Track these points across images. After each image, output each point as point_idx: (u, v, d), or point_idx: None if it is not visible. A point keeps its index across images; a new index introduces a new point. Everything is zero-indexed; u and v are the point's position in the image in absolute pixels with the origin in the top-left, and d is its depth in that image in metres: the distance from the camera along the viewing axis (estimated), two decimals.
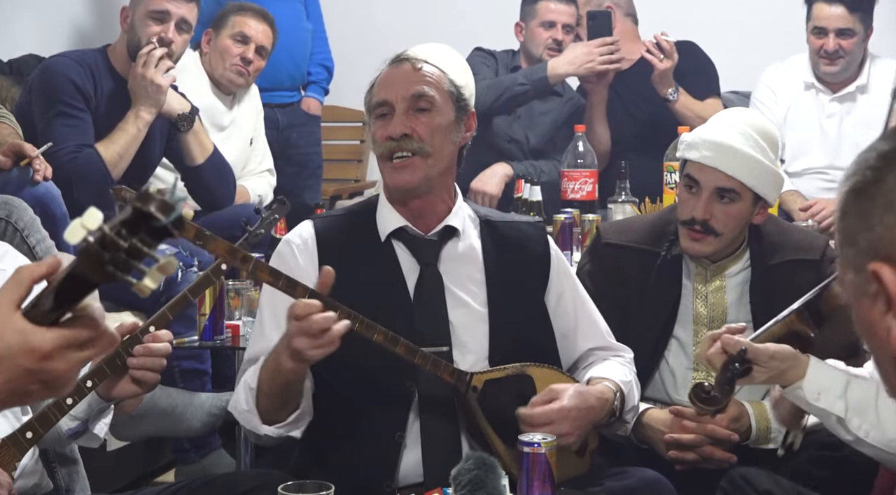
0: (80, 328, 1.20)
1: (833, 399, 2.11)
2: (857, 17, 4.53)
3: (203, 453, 3.69)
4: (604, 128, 4.50)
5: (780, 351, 2.15)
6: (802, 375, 2.13)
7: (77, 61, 3.82)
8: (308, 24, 5.16)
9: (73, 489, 2.55)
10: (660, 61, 4.38)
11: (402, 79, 2.43)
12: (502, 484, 2.07)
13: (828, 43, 4.55)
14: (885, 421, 2.07)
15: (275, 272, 2.25)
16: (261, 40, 4.39)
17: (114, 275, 1.12)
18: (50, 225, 3.11)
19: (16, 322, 1.18)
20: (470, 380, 2.34)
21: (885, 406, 2.08)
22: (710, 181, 2.68)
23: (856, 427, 2.10)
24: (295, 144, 5.04)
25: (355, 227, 2.49)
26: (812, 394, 2.12)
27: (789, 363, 2.15)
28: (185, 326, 3.28)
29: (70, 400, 2.17)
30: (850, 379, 2.12)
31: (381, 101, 2.43)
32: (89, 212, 1.12)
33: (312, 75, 5.22)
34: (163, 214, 1.10)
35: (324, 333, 2.13)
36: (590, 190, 3.97)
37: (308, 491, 1.98)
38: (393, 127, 2.40)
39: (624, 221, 3.36)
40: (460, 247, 2.48)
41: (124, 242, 1.10)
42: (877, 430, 2.07)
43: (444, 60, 2.54)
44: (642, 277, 2.77)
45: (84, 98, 3.78)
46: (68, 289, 1.18)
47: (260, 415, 2.32)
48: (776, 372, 2.16)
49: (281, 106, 5.01)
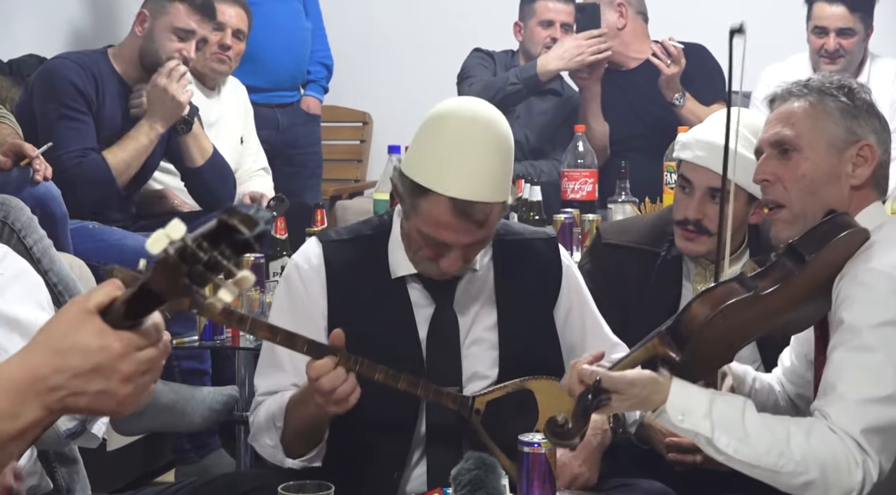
0: (144, 335, 1.25)
1: (698, 419, 2.04)
2: (858, 16, 4.54)
3: (203, 453, 3.69)
4: (599, 123, 4.49)
5: (638, 377, 2.06)
6: (665, 398, 2.06)
7: (78, 63, 3.81)
8: (307, 22, 5.16)
9: (73, 489, 2.55)
10: (667, 66, 4.38)
11: (468, 232, 2.28)
12: (502, 484, 2.07)
13: (828, 42, 4.56)
14: (752, 436, 2.02)
15: (273, 329, 2.22)
16: (236, 24, 4.36)
17: (188, 289, 1.16)
18: (49, 225, 3.10)
19: (95, 320, 1.24)
20: (472, 404, 2.33)
21: (752, 421, 2.04)
22: (702, 181, 2.68)
23: (724, 445, 2.03)
24: (295, 144, 5.04)
25: (366, 259, 2.41)
26: (676, 416, 2.05)
27: (650, 388, 2.06)
28: (185, 326, 3.28)
29: None
30: (715, 397, 2.07)
31: (439, 241, 2.29)
32: (173, 223, 1.15)
33: (312, 74, 5.21)
34: (247, 228, 1.13)
35: (336, 391, 2.16)
36: (590, 190, 3.97)
37: (308, 491, 1.97)
38: (448, 265, 2.31)
39: (624, 221, 3.36)
40: (474, 279, 2.44)
41: (204, 254, 1.13)
42: (745, 445, 2.02)
43: (504, 176, 2.31)
44: (642, 277, 2.77)
45: (86, 100, 3.77)
46: (140, 302, 1.22)
47: (285, 451, 2.34)
48: (638, 400, 2.07)
49: (281, 106, 5.01)
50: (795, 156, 2.22)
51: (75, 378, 1.24)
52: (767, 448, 2.01)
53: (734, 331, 2.14)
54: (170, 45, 3.85)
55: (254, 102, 4.66)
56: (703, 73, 4.51)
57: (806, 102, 2.24)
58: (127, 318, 1.23)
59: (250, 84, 4.65)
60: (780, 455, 2.01)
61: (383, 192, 3.64)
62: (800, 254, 2.12)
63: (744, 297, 2.09)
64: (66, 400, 1.25)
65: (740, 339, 2.24)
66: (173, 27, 3.85)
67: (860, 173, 2.21)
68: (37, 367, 1.24)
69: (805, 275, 2.11)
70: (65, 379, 1.24)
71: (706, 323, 2.07)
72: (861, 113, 2.23)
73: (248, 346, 3.15)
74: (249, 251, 1.14)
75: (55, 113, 3.73)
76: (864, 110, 2.24)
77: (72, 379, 1.24)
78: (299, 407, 2.28)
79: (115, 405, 1.26)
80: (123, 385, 1.25)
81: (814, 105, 2.23)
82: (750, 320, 2.13)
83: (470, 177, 2.24)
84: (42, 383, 1.24)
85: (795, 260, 2.12)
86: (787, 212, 2.23)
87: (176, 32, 3.85)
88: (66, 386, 1.24)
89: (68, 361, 1.23)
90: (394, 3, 6.05)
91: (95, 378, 1.24)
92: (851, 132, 2.21)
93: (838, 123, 2.21)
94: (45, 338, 1.26)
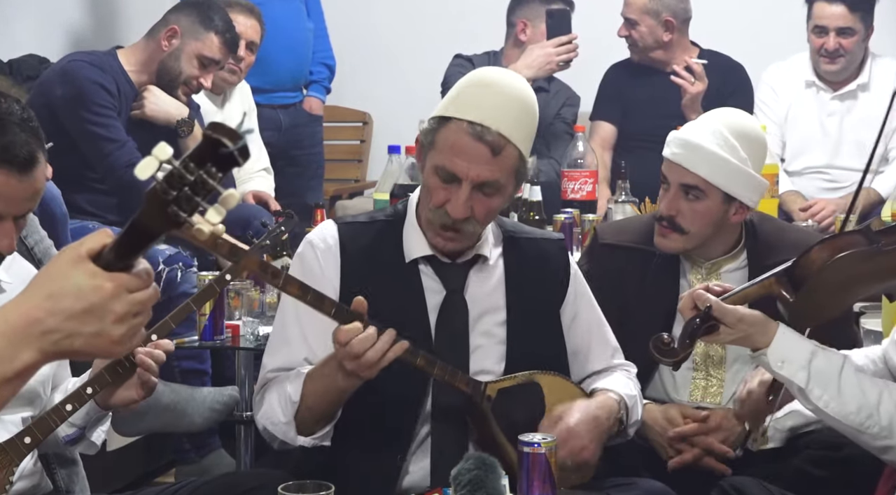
0: (135, 276, 1.28)
1: (796, 368, 2.14)
2: (858, 16, 4.54)
3: (203, 453, 3.68)
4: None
5: (748, 315, 2.17)
6: (769, 342, 2.16)
7: (97, 66, 3.78)
8: (309, 23, 5.15)
9: (72, 490, 2.55)
10: (691, 85, 4.40)
11: (478, 160, 2.28)
12: (502, 484, 2.07)
13: (828, 42, 4.56)
14: (845, 394, 2.11)
15: (304, 287, 2.22)
16: (250, 36, 4.38)
17: (176, 217, 1.18)
18: (50, 225, 3.10)
19: (87, 263, 1.27)
20: (484, 390, 2.35)
21: (848, 380, 2.13)
22: (676, 177, 2.71)
23: (816, 397, 2.13)
24: (298, 145, 5.03)
25: (381, 242, 2.43)
26: (776, 362, 2.15)
27: (757, 328, 2.17)
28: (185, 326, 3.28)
29: (70, 406, 2.19)
30: (816, 350, 2.15)
31: (450, 173, 2.30)
32: (160, 145, 1.19)
33: (314, 74, 5.21)
34: (231, 141, 1.16)
35: (366, 354, 2.17)
36: (590, 190, 3.97)
37: (308, 491, 1.97)
38: (454, 208, 2.30)
39: (621, 221, 3.37)
40: (485, 270, 2.45)
41: (191, 175, 1.17)
42: (836, 402, 2.11)
43: (518, 126, 2.34)
44: (640, 277, 2.78)
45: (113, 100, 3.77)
46: (130, 240, 1.25)
47: (297, 427, 2.33)
48: (742, 335, 2.18)
49: (283, 106, 5.01)
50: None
51: (69, 319, 1.26)
52: (857, 407, 2.11)
53: (850, 282, 2.21)
54: (192, 70, 3.85)
55: (256, 103, 4.65)
56: (739, 91, 4.58)
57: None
58: (118, 261, 1.26)
59: (252, 84, 4.65)
60: (869, 416, 2.10)
61: (383, 192, 3.64)
62: None
63: (864, 250, 2.14)
64: (62, 342, 1.28)
65: (854, 292, 2.31)
66: (201, 55, 3.85)
67: None
68: (31, 310, 1.27)
69: None
70: (59, 321, 1.26)
71: (823, 267, 2.13)
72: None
73: (249, 346, 3.15)
74: (235, 165, 1.17)
75: (90, 114, 3.70)
76: None
77: (66, 322, 1.26)
78: (320, 381, 2.28)
79: (108, 346, 1.29)
80: (117, 325, 1.27)
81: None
82: (867, 273, 2.19)
83: (489, 107, 2.29)
84: (37, 326, 1.27)
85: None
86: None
87: (201, 60, 3.86)
88: (61, 329, 1.27)
89: (62, 304, 1.26)
90: (394, 3, 6.04)
91: (89, 319, 1.27)
92: None
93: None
94: (39, 283, 1.29)
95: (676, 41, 4.61)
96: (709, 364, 2.76)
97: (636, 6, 4.60)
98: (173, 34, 3.85)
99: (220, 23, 3.88)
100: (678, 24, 4.60)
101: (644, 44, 4.63)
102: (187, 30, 3.85)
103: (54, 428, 2.19)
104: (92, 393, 2.20)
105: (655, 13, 4.57)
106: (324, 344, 2.30)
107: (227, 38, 3.90)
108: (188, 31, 3.85)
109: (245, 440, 3.28)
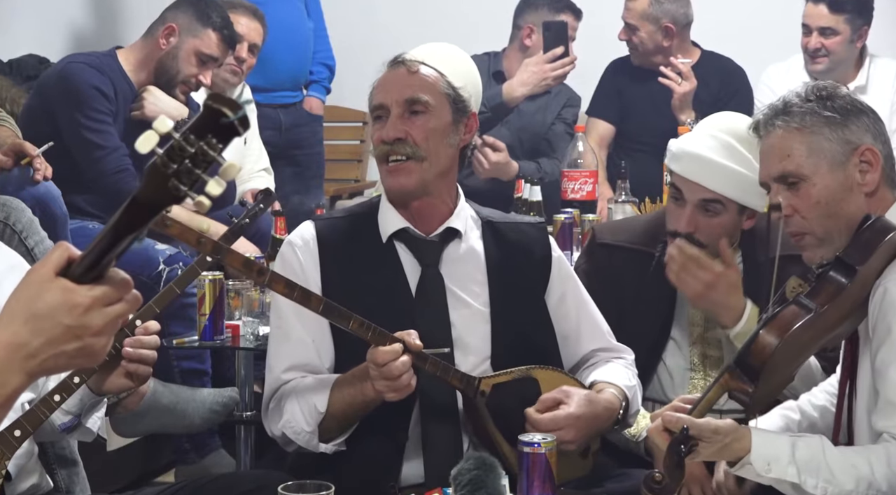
0: (111, 286, 1.28)
1: (784, 466, 2.07)
2: (843, 17, 4.54)
3: (203, 453, 3.68)
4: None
5: (721, 425, 2.10)
6: (748, 447, 2.08)
7: (95, 67, 3.78)
8: (310, 22, 5.16)
9: (72, 490, 2.55)
10: (678, 85, 4.40)
11: (398, 82, 2.44)
12: (502, 484, 2.07)
13: (811, 41, 4.58)
14: (837, 474, 2.05)
15: (290, 284, 2.26)
16: (253, 38, 4.38)
17: (177, 191, 1.18)
18: (50, 225, 3.11)
19: (57, 281, 1.27)
20: (478, 385, 2.35)
21: (834, 459, 2.07)
22: (693, 194, 2.67)
23: (812, 487, 2.06)
24: (298, 145, 5.03)
25: (357, 228, 2.49)
26: (762, 466, 2.07)
27: (732, 435, 2.09)
28: (185, 326, 3.28)
29: (58, 396, 2.19)
30: (795, 440, 2.10)
31: (378, 104, 2.45)
32: (160, 118, 1.20)
33: (314, 74, 5.21)
34: (231, 111, 1.16)
35: (402, 377, 2.21)
36: (590, 190, 3.97)
37: (308, 491, 1.98)
38: (386, 131, 2.41)
39: (619, 222, 3.37)
40: (462, 248, 2.49)
41: (191, 147, 1.17)
42: (833, 485, 2.05)
43: (443, 61, 2.55)
44: (637, 278, 2.77)
45: (109, 104, 3.76)
46: (128, 219, 1.23)
47: (320, 435, 2.35)
48: (721, 446, 2.10)
49: (283, 106, 5.01)
50: (802, 185, 2.22)
51: (50, 343, 1.27)
52: (855, 483, 2.05)
53: (799, 351, 2.19)
54: (190, 68, 3.84)
55: (256, 102, 4.65)
56: (740, 93, 4.59)
57: (791, 129, 2.23)
58: (89, 271, 1.26)
59: (252, 84, 4.65)
60: (869, 486, 2.04)
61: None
62: (849, 266, 2.12)
63: (806, 319, 2.10)
64: (46, 363, 1.29)
65: (802, 358, 2.29)
66: (199, 52, 3.85)
67: (870, 179, 2.21)
68: (12, 337, 1.28)
69: (856, 285, 2.13)
70: (42, 343, 1.27)
71: (775, 350, 2.09)
72: (848, 117, 2.22)
73: (249, 346, 3.15)
74: (235, 136, 1.18)
75: (84, 117, 3.69)
76: (850, 113, 2.23)
77: (47, 345, 1.27)
78: (348, 389, 2.31)
79: (92, 356, 1.30)
80: (97, 338, 1.28)
81: (800, 129, 2.22)
82: (812, 339, 2.17)
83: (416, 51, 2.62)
84: (21, 351, 1.28)
85: (845, 272, 2.13)
86: (812, 237, 2.24)
87: (200, 57, 3.85)
88: (45, 351, 1.28)
89: (40, 325, 1.27)
90: (395, 3, 6.05)
91: (69, 339, 1.27)
92: (846, 141, 2.21)
93: (831, 138, 2.21)
94: (13, 309, 1.29)
95: (677, 46, 4.61)
96: (707, 364, 2.76)
97: (636, 12, 4.60)
98: (171, 32, 3.85)
99: (217, 19, 3.88)
100: (678, 30, 4.60)
101: (644, 49, 4.63)
102: (185, 27, 3.85)
103: (44, 419, 2.18)
104: (79, 383, 2.19)
105: (655, 19, 4.57)
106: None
107: (226, 34, 3.89)
108: (186, 28, 3.85)
109: (245, 440, 3.29)
